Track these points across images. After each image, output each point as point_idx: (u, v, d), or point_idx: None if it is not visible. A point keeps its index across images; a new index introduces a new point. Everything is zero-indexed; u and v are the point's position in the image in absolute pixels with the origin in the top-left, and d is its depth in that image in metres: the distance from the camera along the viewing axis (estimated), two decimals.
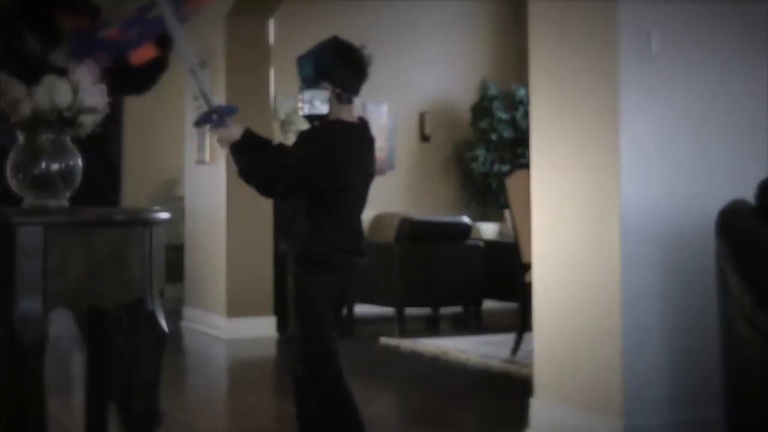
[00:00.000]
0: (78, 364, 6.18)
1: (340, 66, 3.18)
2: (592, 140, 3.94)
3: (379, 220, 10.26)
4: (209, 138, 7.87)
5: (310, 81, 3.19)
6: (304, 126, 3.37)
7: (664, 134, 3.89)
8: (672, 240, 3.87)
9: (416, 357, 6.53)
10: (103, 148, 3.20)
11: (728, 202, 3.40)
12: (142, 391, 2.93)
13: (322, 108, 3.18)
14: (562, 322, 4.08)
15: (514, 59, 11.18)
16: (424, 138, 11.33)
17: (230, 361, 7.07)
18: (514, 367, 5.83)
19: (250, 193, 8.39)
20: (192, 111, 8.20)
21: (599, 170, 3.89)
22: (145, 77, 2.98)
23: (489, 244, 8.61)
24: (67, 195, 2.84)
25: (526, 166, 4.65)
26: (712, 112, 4.00)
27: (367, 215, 10.52)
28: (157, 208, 3.02)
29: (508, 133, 10.93)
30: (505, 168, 9.21)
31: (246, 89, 7.67)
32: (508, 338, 6.41)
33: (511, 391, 5.31)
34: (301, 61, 3.23)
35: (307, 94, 3.19)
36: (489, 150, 11.03)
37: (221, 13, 7.69)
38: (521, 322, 6.03)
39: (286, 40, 9.84)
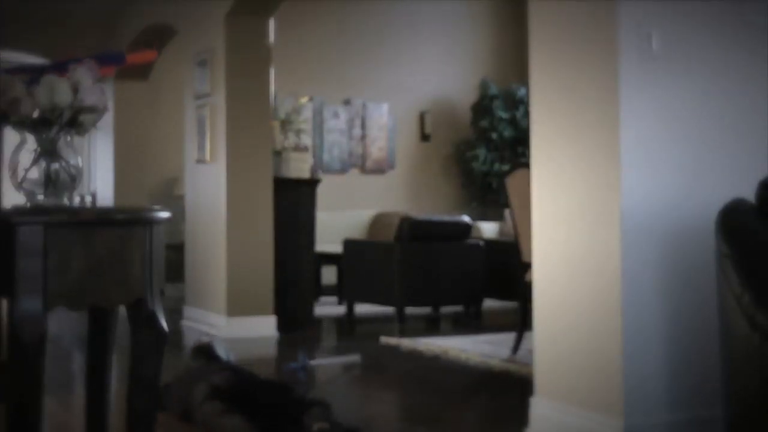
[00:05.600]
0: (78, 363, 6.17)
1: None
2: (592, 140, 3.94)
3: (379, 220, 10.27)
4: (209, 137, 7.87)
5: None
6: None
7: (664, 134, 3.89)
8: (672, 239, 3.88)
9: (416, 356, 6.52)
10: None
11: (728, 201, 3.40)
12: (143, 389, 2.93)
13: None
14: (562, 322, 4.08)
15: (514, 59, 11.18)
16: (425, 137, 11.34)
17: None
18: (515, 366, 5.83)
19: (250, 192, 8.36)
20: (192, 110, 8.21)
21: (599, 169, 3.89)
22: None
23: (489, 243, 8.61)
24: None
25: (527, 165, 4.65)
26: (712, 111, 4.00)
27: (368, 214, 10.52)
28: (157, 207, 3.02)
29: (508, 133, 10.93)
30: (506, 167, 9.22)
31: (246, 89, 7.67)
32: (509, 337, 6.41)
33: (511, 390, 5.31)
34: None
35: None
36: (489, 149, 11.03)
37: (221, 13, 7.68)
38: (521, 322, 6.03)
39: (286, 40, 9.85)
